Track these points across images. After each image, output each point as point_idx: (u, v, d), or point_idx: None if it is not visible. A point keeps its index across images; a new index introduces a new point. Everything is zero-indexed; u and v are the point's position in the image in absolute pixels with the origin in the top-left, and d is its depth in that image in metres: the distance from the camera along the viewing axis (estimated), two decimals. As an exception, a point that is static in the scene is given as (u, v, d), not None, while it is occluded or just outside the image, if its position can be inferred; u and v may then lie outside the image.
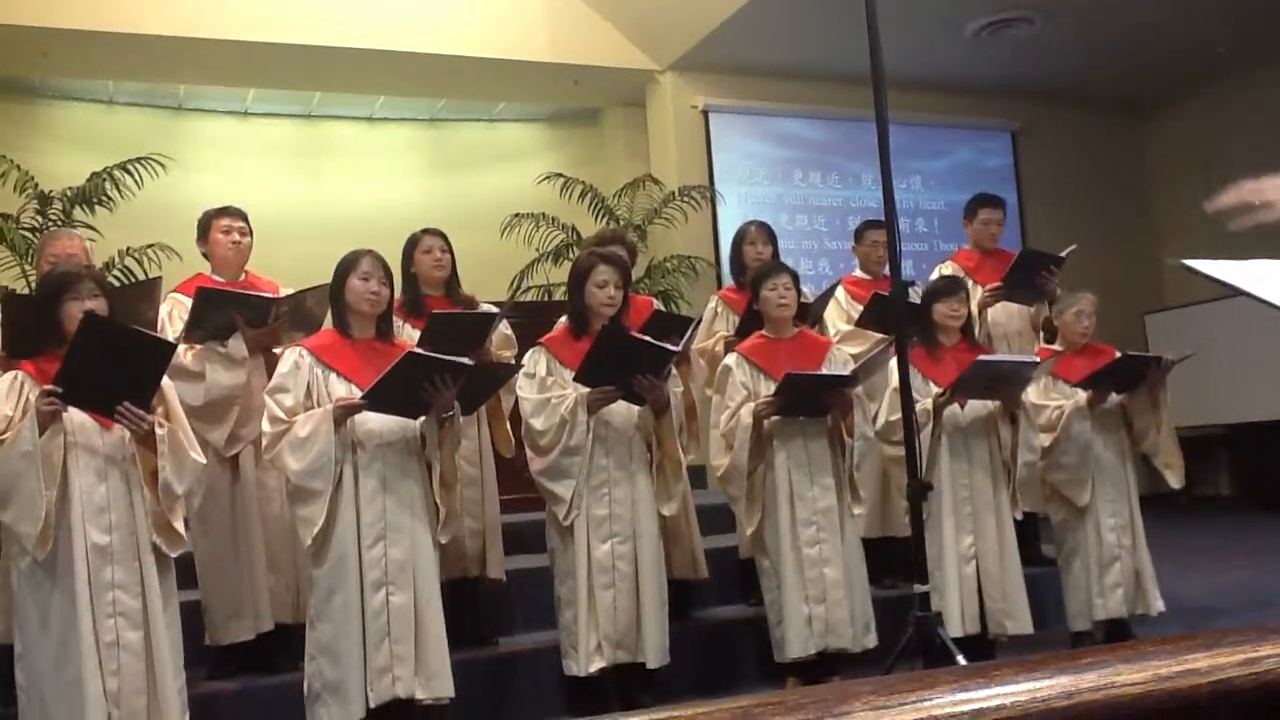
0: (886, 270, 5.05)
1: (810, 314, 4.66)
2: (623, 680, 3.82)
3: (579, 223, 8.52)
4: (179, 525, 3.27)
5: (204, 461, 3.41)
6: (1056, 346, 4.67)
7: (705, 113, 9.10)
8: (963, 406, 4.24)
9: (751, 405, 4.04)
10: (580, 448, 3.77)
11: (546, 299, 8.08)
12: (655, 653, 3.76)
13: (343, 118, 9.67)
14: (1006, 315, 5.13)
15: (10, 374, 3.22)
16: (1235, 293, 1.59)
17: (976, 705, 0.69)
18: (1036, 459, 4.38)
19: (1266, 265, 1.65)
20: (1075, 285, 4.88)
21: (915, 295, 4.66)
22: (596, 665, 3.72)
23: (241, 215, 4.26)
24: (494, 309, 4.37)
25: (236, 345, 3.97)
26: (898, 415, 4.09)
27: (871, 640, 4.03)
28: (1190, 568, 6.09)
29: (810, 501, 4.04)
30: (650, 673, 3.81)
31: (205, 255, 4.27)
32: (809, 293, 4.78)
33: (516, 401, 4.02)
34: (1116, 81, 9.78)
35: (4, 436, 3.08)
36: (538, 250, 8.43)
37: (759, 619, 4.21)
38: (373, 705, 3.30)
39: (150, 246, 7.08)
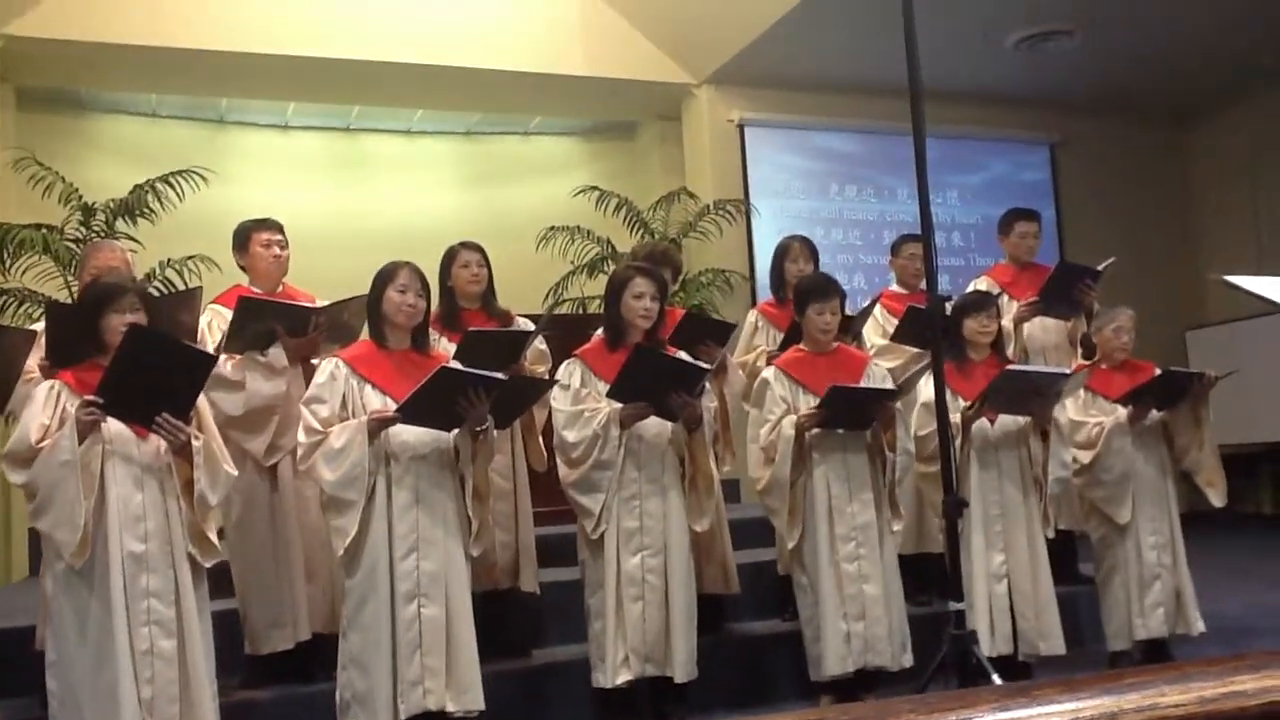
0: (924, 284, 5.04)
1: (850, 329, 4.63)
2: (655, 694, 3.81)
3: (614, 236, 8.53)
4: (213, 535, 3.31)
5: (235, 473, 3.46)
6: (1093, 362, 4.62)
7: (741, 126, 9.10)
8: (993, 421, 4.20)
9: (793, 417, 4.02)
10: (611, 462, 3.77)
11: (581, 312, 8.09)
12: (683, 666, 3.75)
13: (381, 131, 9.74)
14: (1043, 330, 5.07)
15: (48, 384, 3.26)
16: (1277, 308, 1.57)
17: (1017, 725, 0.68)
18: (1068, 475, 4.33)
19: None
20: (1115, 300, 4.83)
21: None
22: (623, 677, 3.71)
23: (279, 228, 4.30)
24: (530, 325, 4.38)
25: (277, 355, 4.01)
26: (926, 430, 4.07)
27: (908, 659, 3.99)
28: (1231, 587, 5.99)
29: (850, 517, 4.01)
30: (682, 687, 3.80)
31: (243, 267, 4.31)
32: (847, 309, 4.76)
33: (549, 415, 4.03)
34: (1156, 94, 9.68)
35: (43, 445, 3.12)
36: (573, 263, 8.46)
37: (794, 634, 4.18)
38: (404, 717, 3.31)
39: (191, 258, 7.16)
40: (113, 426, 3.19)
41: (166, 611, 3.18)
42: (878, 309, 5.12)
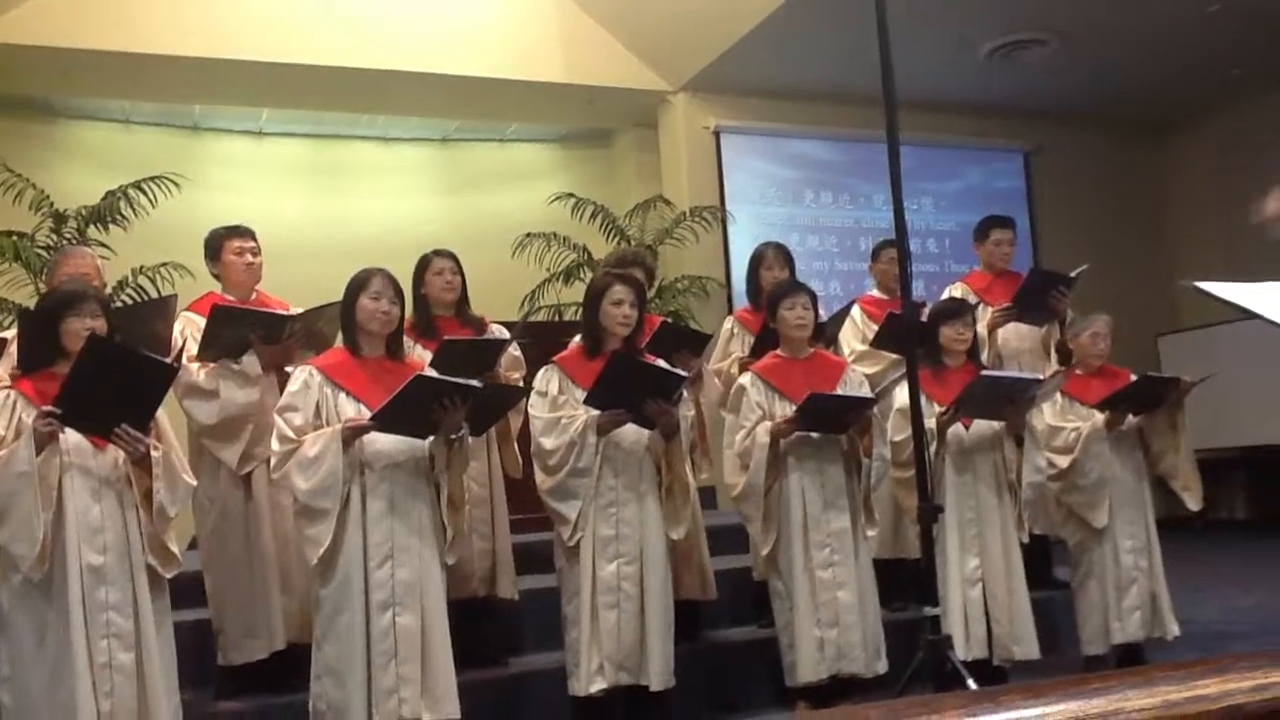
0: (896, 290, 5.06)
1: (825, 334, 4.64)
2: (631, 702, 3.79)
3: (590, 243, 8.53)
4: (174, 546, 3.28)
5: (194, 484, 3.44)
6: (1070, 367, 4.65)
7: (717, 133, 9.12)
8: (967, 426, 4.23)
9: (768, 424, 4.02)
10: (588, 470, 3.76)
11: (557, 319, 8.08)
12: (659, 675, 3.74)
13: (356, 137, 9.72)
14: (1017, 336, 5.11)
15: (1, 393, 3.22)
16: (1246, 315, 1.58)
17: (984, 731, 0.67)
18: (1043, 480, 4.36)
19: (1277, 287, 1.64)
20: (1089, 307, 4.86)
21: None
22: (598, 686, 3.69)
23: (252, 235, 4.27)
24: (505, 334, 4.37)
25: (251, 363, 3.99)
26: (901, 436, 4.08)
27: (882, 665, 3.99)
28: (1206, 591, 6.03)
29: (824, 524, 4.01)
30: (659, 694, 3.78)
31: (216, 275, 4.28)
32: (821, 314, 4.77)
33: (526, 423, 4.02)
34: (1130, 104, 9.77)
35: (-2, 456, 3.08)
36: (548, 270, 8.45)
37: (770, 641, 4.18)
38: (379, 726, 3.28)
39: (164, 265, 7.12)
40: (71, 438, 3.15)
41: (125, 624, 3.15)
42: (858, 314, 5.14)
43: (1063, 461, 4.38)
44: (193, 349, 3.96)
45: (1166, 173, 10.62)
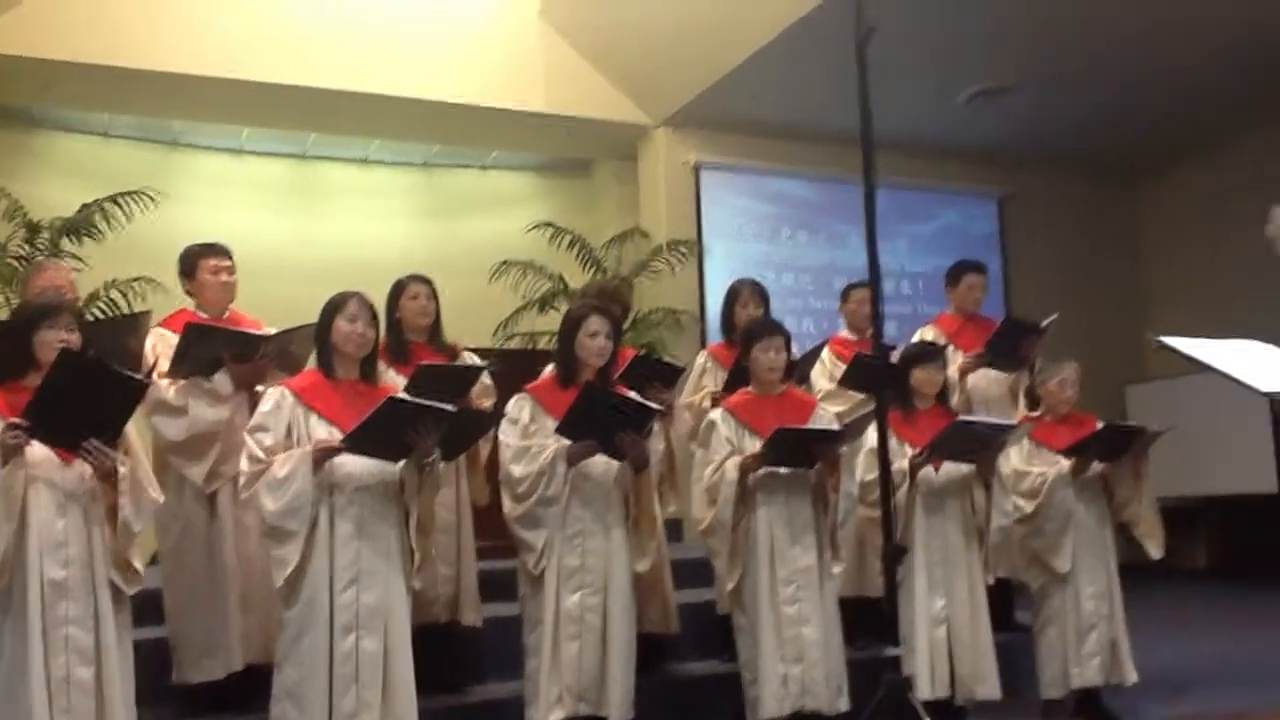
0: (868, 332, 5.11)
1: (796, 373, 4.67)
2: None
3: (567, 272, 8.56)
4: (137, 562, 3.25)
5: (161, 500, 3.41)
6: (1038, 414, 4.70)
7: (697, 168, 9.19)
8: (937, 469, 4.27)
9: (737, 459, 4.04)
10: (556, 499, 3.76)
11: (531, 347, 8.09)
12: (618, 707, 3.73)
13: (336, 159, 9.73)
14: (986, 381, 5.17)
15: None
16: (1210, 370, 1.62)
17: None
18: (1009, 524, 4.41)
19: (1242, 345, 1.68)
20: (1058, 353, 4.92)
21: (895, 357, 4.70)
22: (556, 715, 3.68)
23: (227, 253, 4.27)
24: (479, 361, 4.38)
25: (222, 381, 3.98)
26: (871, 475, 4.11)
27: (844, 703, 4.00)
28: (1165, 638, 6.08)
29: (791, 560, 4.03)
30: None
31: (189, 293, 4.27)
32: (794, 351, 4.81)
33: (494, 451, 4.02)
34: (1105, 150, 9.92)
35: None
36: (524, 298, 8.47)
37: (733, 676, 4.18)
38: (338, 751, 3.26)
39: (137, 279, 7.08)
40: (37, 451, 3.12)
41: (85, 639, 3.11)
42: (826, 354, 5.18)
43: (1028, 506, 4.42)
44: (164, 365, 3.94)
45: (1138, 220, 10.77)
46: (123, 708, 3.17)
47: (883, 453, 3.22)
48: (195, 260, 4.23)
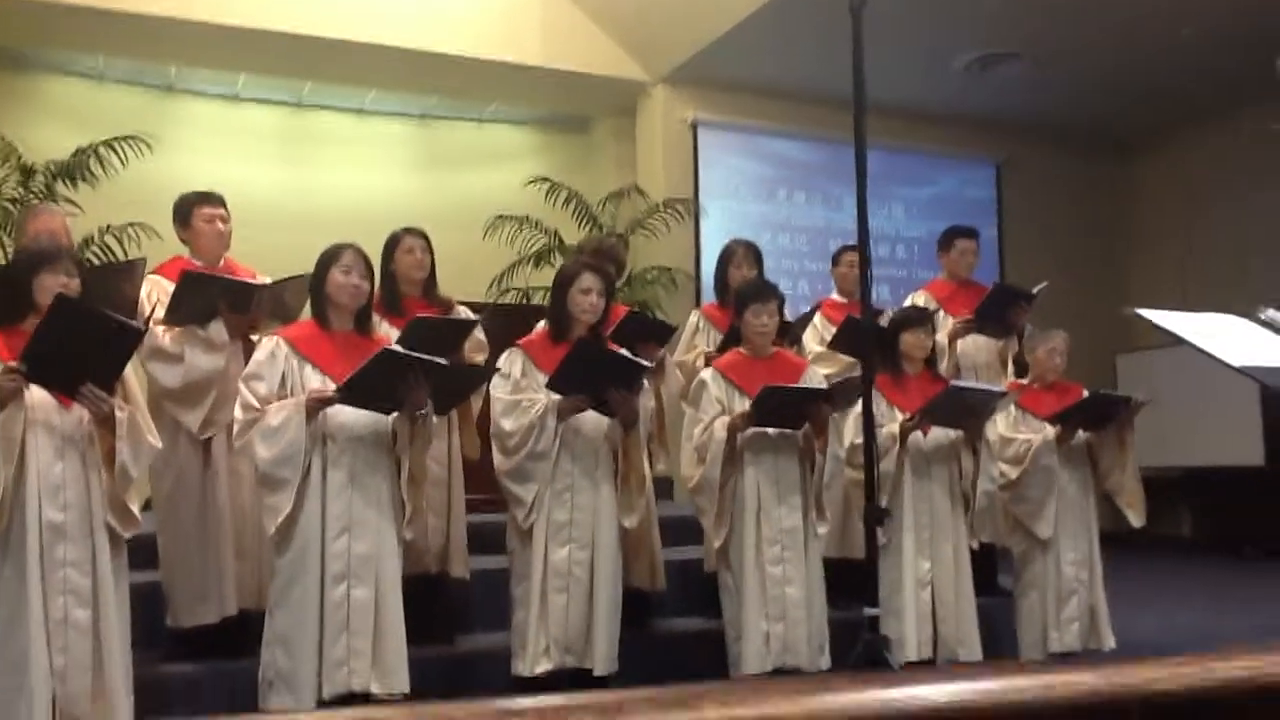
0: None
1: (789, 335, 4.70)
2: (574, 685, 3.84)
3: (562, 228, 8.55)
4: (134, 506, 3.29)
5: (159, 445, 3.44)
6: (1025, 381, 4.74)
7: (694, 126, 9.15)
8: (925, 433, 4.31)
9: (725, 419, 4.08)
10: (546, 453, 3.80)
11: (525, 302, 8.10)
12: (603, 660, 3.79)
13: (333, 108, 9.66)
14: (975, 347, 5.20)
15: None
16: (1182, 343, 1.65)
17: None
18: (994, 490, 4.47)
19: (1218, 319, 1.71)
20: (1048, 321, 4.95)
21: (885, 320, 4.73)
22: (543, 667, 3.74)
23: (222, 202, 4.27)
24: (472, 315, 4.40)
25: (217, 329, 4.00)
26: (861, 438, 4.15)
27: (825, 661, 4.07)
28: (1145, 606, 6.17)
29: (777, 520, 4.08)
30: (602, 679, 3.84)
31: (184, 240, 4.27)
32: (788, 314, 4.83)
33: (485, 405, 4.05)
34: (1102, 122, 9.91)
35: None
36: (519, 253, 8.46)
37: (717, 632, 4.24)
38: (327, 697, 3.31)
39: (131, 225, 7.06)
40: (36, 395, 3.15)
41: (82, 581, 3.16)
42: (817, 317, 5.21)
43: (1013, 472, 4.48)
44: (159, 313, 3.96)
45: (1132, 192, 10.77)
46: (119, 649, 3.22)
47: (867, 416, 3.26)
48: (190, 208, 4.23)
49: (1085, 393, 4.56)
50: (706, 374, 4.25)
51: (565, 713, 0.69)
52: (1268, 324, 1.78)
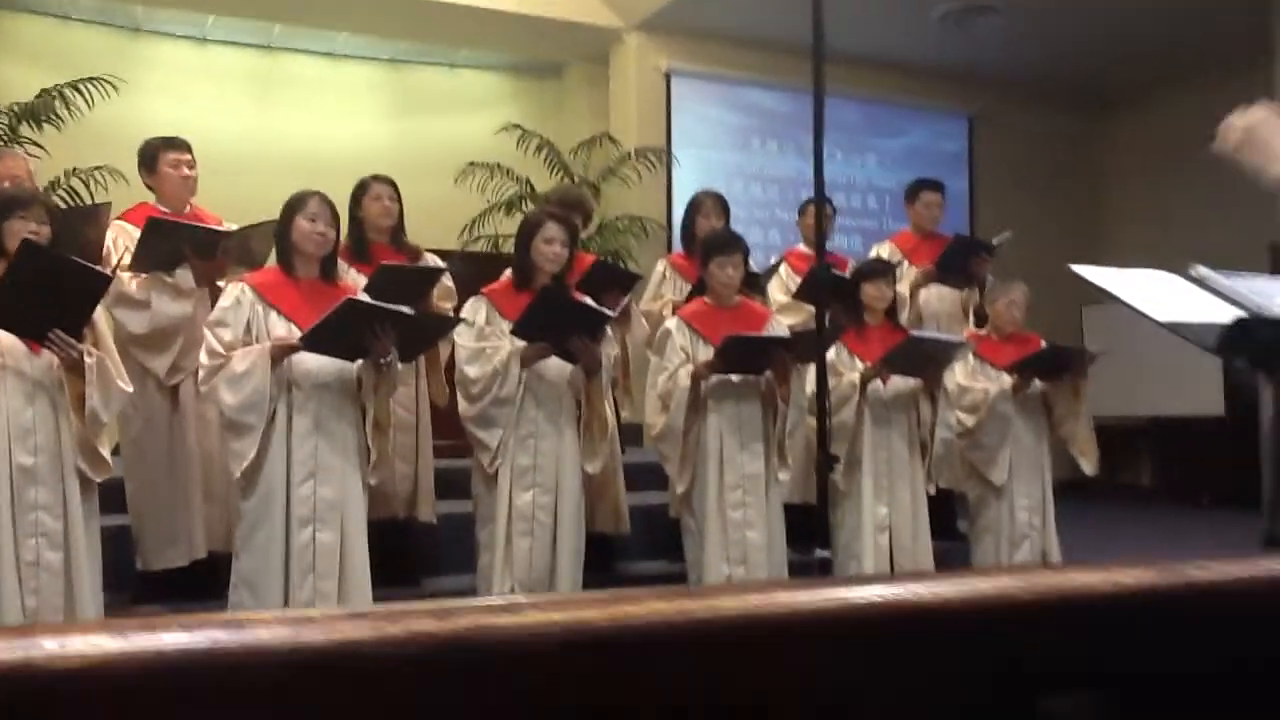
0: (828, 246, 5.18)
1: (756, 286, 4.75)
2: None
3: (534, 176, 8.53)
4: (105, 451, 3.33)
5: (130, 390, 3.46)
6: (984, 332, 4.82)
7: (668, 75, 9.11)
8: (885, 382, 4.39)
9: (690, 367, 4.14)
10: (510, 399, 3.85)
11: (495, 250, 8.10)
12: (567, 602, 3.86)
13: (303, 51, 9.55)
14: (938, 298, 5.28)
15: None
16: (1116, 301, 1.70)
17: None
18: (952, 437, 4.57)
19: (1153, 275, 1.77)
20: (1016, 273, 5.02)
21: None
22: (506, 609, 3.81)
23: (188, 147, 4.26)
24: (439, 263, 4.42)
25: (184, 276, 4.01)
26: (824, 388, 4.23)
27: (785, 603, 4.16)
28: (1100, 551, 6.31)
29: (739, 466, 4.16)
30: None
31: (150, 186, 4.27)
32: (756, 263, 4.88)
33: (453, 352, 4.09)
34: (1076, 78, 9.92)
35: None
36: (489, 201, 8.45)
37: (679, 576, 4.34)
38: (293, 638, 3.37)
39: (98, 169, 7.00)
40: (4, 340, 3.18)
41: (54, 524, 3.20)
42: (783, 267, 5.26)
43: (969, 420, 4.57)
44: (126, 259, 3.96)
45: (1105, 148, 10.82)
46: (90, 591, 3.27)
47: (820, 365, 3.33)
48: (156, 153, 4.22)
49: (1043, 344, 4.65)
50: (671, 323, 4.30)
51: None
52: (1199, 281, 1.84)
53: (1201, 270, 1.85)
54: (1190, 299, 1.83)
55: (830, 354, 4.24)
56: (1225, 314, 1.76)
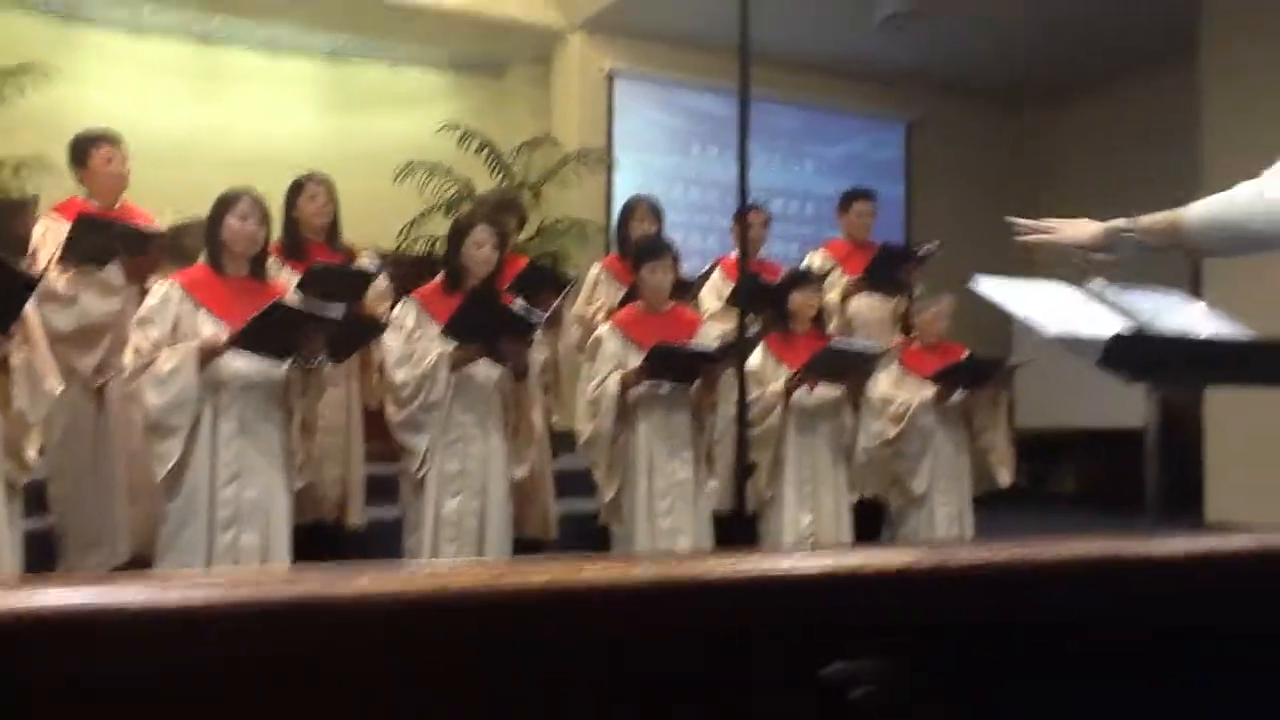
0: (762, 253, 5.28)
1: (688, 292, 4.80)
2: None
3: (475, 176, 8.50)
4: (31, 453, 3.28)
5: (60, 388, 3.41)
6: (911, 339, 4.93)
7: (611, 77, 9.14)
8: (811, 389, 4.47)
9: (619, 374, 4.18)
10: (438, 404, 3.87)
11: (432, 251, 8.06)
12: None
13: (241, 44, 9.44)
14: (868, 306, 5.37)
15: None
16: (1015, 318, 1.77)
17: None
18: (874, 447, 4.66)
19: (1051, 287, 1.84)
20: (949, 281, 5.10)
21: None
22: (435, 617, 3.82)
23: (119, 141, 4.22)
24: (372, 267, 4.41)
25: (114, 272, 3.97)
26: (751, 396, 4.29)
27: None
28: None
29: (668, 474, 4.21)
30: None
31: (80, 181, 4.21)
32: (692, 268, 4.94)
33: (383, 355, 4.08)
34: (1011, 80, 10.04)
35: None
36: (429, 202, 8.41)
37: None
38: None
39: (25, 161, 6.87)
40: (-74, 340, 3.12)
41: (-25, 528, 3.16)
42: (716, 274, 5.32)
43: (891, 431, 4.67)
44: (50, 256, 3.91)
45: (1041, 150, 10.96)
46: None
47: (741, 374, 3.40)
48: (86, 148, 4.17)
49: (966, 353, 4.76)
50: (604, 330, 4.34)
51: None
52: (1095, 295, 1.92)
53: (1097, 284, 1.92)
54: (1085, 312, 1.90)
55: (757, 362, 4.32)
56: (1116, 327, 1.83)
